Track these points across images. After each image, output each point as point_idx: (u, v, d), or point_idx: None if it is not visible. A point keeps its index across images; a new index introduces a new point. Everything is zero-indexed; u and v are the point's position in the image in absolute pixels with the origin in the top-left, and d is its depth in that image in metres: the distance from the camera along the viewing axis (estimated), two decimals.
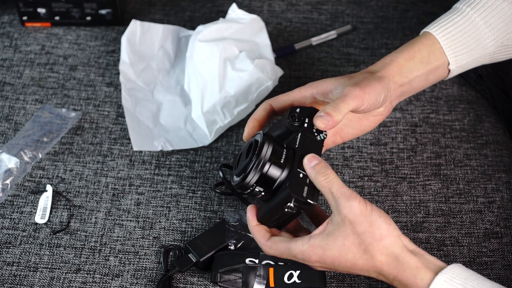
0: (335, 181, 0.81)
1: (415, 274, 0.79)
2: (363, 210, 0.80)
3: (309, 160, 0.83)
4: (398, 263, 0.80)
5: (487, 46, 0.95)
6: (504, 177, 1.04)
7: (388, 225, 0.80)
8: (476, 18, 0.94)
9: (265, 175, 0.84)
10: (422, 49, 0.94)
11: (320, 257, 0.81)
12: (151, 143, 1.07)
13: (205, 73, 1.07)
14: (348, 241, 0.80)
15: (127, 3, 1.26)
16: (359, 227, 0.80)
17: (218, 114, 1.06)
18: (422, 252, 0.81)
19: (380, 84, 0.90)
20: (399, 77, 0.93)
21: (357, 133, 0.97)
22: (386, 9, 1.26)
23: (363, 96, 0.88)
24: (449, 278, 0.78)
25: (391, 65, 0.93)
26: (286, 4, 1.27)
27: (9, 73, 1.16)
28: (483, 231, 0.99)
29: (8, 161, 1.04)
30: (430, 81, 0.96)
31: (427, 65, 0.94)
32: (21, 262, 0.95)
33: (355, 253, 0.80)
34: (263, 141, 0.85)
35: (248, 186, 0.85)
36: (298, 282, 0.91)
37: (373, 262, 0.80)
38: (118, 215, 1.00)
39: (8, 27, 1.23)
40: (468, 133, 1.09)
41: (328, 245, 0.81)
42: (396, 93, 0.94)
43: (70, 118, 1.10)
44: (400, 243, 0.80)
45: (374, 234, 0.80)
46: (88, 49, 1.20)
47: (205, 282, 0.94)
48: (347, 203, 0.80)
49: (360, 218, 0.80)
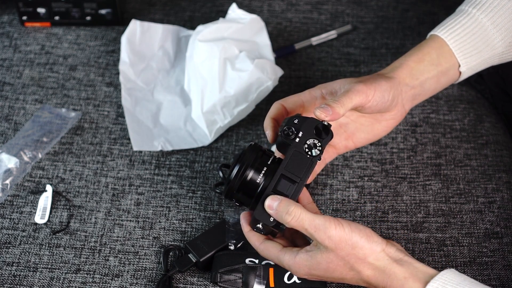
0: (304, 217, 0.81)
1: (403, 284, 0.79)
2: (342, 236, 0.79)
3: (269, 206, 0.83)
4: (385, 275, 0.80)
5: (495, 46, 0.95)
6: (504, 177, 1.04)
7: (370, 243, 0.80)
8: (483, 19, 0.94)
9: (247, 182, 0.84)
10: (431, 51, 0.94)
11: (307, 273, 0.83)
12: (151, 143, 1.07)
13: (205, 73, 1.07)
14: (333, 265, 0.81)
15: (127, 3, 1.26)
16: (341, 252, 0.80)
17: (218, 114, 1.06)
18: (411, 261, 0.80)
19: (387, 83, 0.90)
20: (410, 79, 0.93)
21: (370, 137, 0.96)
22: (386, 9, 1.26)
23: (367, 92, 0.87)
24: (441, 285, 0.77)
25: (401, 67, 0.93)
26: (286, 4, 1.27)
27: (9, 73, 1.16)
28: (483, 231, 0.99)
29: (8, 161, 1.04)
30: (442, 84, 0.96)
31: (438, 67, 0.94)
32: (21, 262, 0.95)
33: (341, 271, 0.81)
34: (246, 150, 0.86)
35: (231, 194, 0.86)
36: (298, 282, 0.91)
37: (361, 277, 0.81)
38: (118, 215, 1.00)
39: (8, 27, 1.23)
40: (468, 133, 1.09)
41: (313, 265, 0.82)
42: (408, 96, 0.94)
43: (70, 118, 1.10)
44: (385, 256, 0.80)
45: (357, 255, 0.80)
46: (88, 49, 1.20)
47: (205, 282, 0.93)
48: (324, 235, 0.80)
49: (341, 244, 0.80)
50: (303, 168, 0.84)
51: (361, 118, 0.95)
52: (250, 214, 0.87)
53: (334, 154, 0.97)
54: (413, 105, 0.96)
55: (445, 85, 0.97)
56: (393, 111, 0.93)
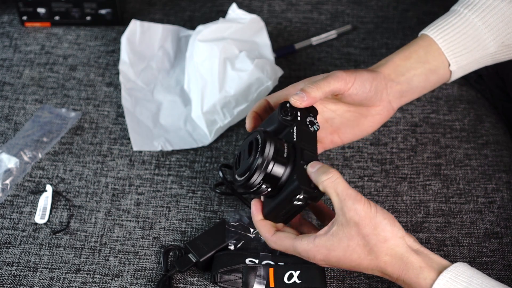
0: (340, 182, 0.82)
1: (418, 274, 0.80)
2: (368, 213, 0.80)
3: (312, 166, 0.84)
4: (402, 263, 0.81)
5: (487, 46, 0.95)
6: (504, 177, 1.04)
7: (392, 226, 0.81)
8: (474, 19, 0.94)
9: (269, 173, 0.84)
10: (419, 50, 0.95)
11: (325, 257, 0.82)
12: (151, 143, 1.07)
13: (205, 73, 1.07)
14: (353, 243, 0.81)
15: (127, 3, 1.26)
16: (364, 229, 0.80)
17: (218, 114, 1.06)
18: (426, 252, 0.82)
19: (370, 74, 0.91)
20: (395, 75, 0.94)
21: (356, 133, 0.97)
22: (386, 9, 1.26)
23: (346, 78, 0.89)
24: (454, 276, 0.78)
25: (386, 64, 0.94)
26: (286, 4, 1.27)
27: (9, 73, 1.16)
28: (483, 231, 0.99)
29: (8, 161, 1.04)
30: (432, 82, 0.96)
31: (425, 64, 0.94)
32: (21, 262, 0.95)
33: (359, 254, 0.81)
34: (265, 139, 0.85)
35: (254, 186, 0.85)
36: (298, 282, 0.91)
37: (378, 263, 0.81)
38: (118, 215, 1.00)
39: (8, 27, 1.23)
40: (468, 133, 1.09)
41: (333, 245, 0.81)
42: (394, 92, 0.94)
43: (70, 118, 1.10)
44: (404, 243, 0.81)
45: (378, 236, 0.80)
46: (88, 49, 1.20)
47: (205, 282, 0.93)
48: (352, 206, 0.80)
49: (365, 220, 0.80)
50: (312, 142, 0.88)
51: (346, 113, 0.95)
52: (262, 203, 0.87)
53: (320, 149, 0.97)
54: (402, 103, 0.97)
55: (436, 84, 0.97)
56: (378, 106, 0.94)
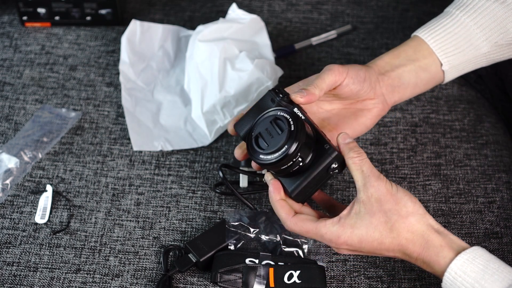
0: (367, 161, 0.84)
1: (438, 252, 0.81)
2: (389, 189, 0.82)
3: (343, 137, 0.86)
4: (423, 240, 0.82)
5: (479, 46, 0.96)
6: (504, 177, 1.04)
7: (414, 203, 0.83)
8: (466, 20, 0.96)
9: (304, 143, 0.84)
10: (408, 49, 0.97)
11: (349, 237, 0.83)
12: (151, 143, 1.07)
13: (205, 73, 1.07)
14: (375, 219, 0.82)
15: (127, 3, 1.26)
16: (385, 204, 0.82)
17: (218, 114, 1.06)
18: (447, 232, 0.83)
19: (362, 67, 0.93)
20: (384, 70, 0.96)
21: (356, 128, 0.97)
22: (386, 9, 1.26)
23: (339, 69, 0.90)
24: (471, 258, 0.79)
25: (376, 62, 0.97)
26: (286, 4, 1.27)
27: (9, 73, 1.16)
28: (483, 231, 0.99)
29: (8, 161, 1.04)
30: (424, 80, 0.97)
31: (415, 62, 0.96)
32: (21, 262, 0.95)
33: (381, 231, 0.82)
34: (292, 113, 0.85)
35: (292, 157, 0.84)
36: (298, 282, 0.91)
37: (399, 241, 0.82)
38: (118, 215, 1.00)
39: (8, 27, 1.23)
40: (468, 133, 1.09)
41: (356, 223, 0.82)
42: (386, 86, 0.96)
43: (70, 118, 1.10)
44: (426, 221, 0.82)
45: (400, 212, 0.82)
46: (88, 49, 1.20)
47: (205, 282, 0.94)
48: (375, 182, 0.82)
49: (386, 196, 0.82)
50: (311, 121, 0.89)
51: (342, 110, 0.96)
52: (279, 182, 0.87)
53: None
54: (396, 99, 0.98)
55: (429, 82, 0.98)
56: (373, 98, 0.95)
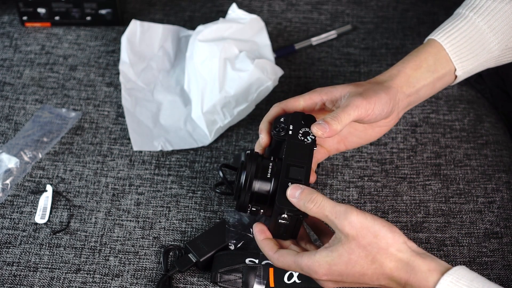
0: (325, 204, 0.81)
1: (427, 277, 0.78)
2: (364, 222, 0.79)
3: (291, 194, 0.82)
4: (409, 267, 0.79)
5: (492, 50, 0.95)
6: (504, 177, 1.04)
7: (393, 233, 0.79)
8: (480, 23, 0.94)
9: (256, 193, 0.85)
10: (428, 57, 0.94)
11: (327, 271, 0.80)
12: (151, 143, 1.07)
13: (205, 73, 1.07)
14: (354, 256, 0.79)
15: (127, 3, 1.26)
16: (363, 240, 0.79)
17: (218, 114, 1.06)
18: (428, 254, 0.80)
19: (387, 95, 0.90)
20: (406, 88, 0.93)
21: (361, 142, 0.97)
22: (386, 9, 1.26)
23: (366, 107, 0.87)
24: (455, 279, 0.77)
25: (399, 76, 0.93)
26: (286, 4, 1.27)
27: (9, 73, 1.16)
28: (483, 231, 0.99)
29: (8, 161, 1.04)
30: (436, 89, 0.96)
31: (434, 73, 0.94)
32: (21, 262, 0.96)
33: (362, 265, 0.79)
34: (246, 160, 0.86)
35: (245, 207, 0.86)
36: (298, 282, 0.91)
37: (383, 270, 0.79)
38: (118, 215, 1.00)
39: (8, 27, 1.23)
40: (468, 133, 1.09)
41: (333, 260, 0.80)
42: (403, 104, 0.94)
43: (70, 118, 1.10)
44: (407, 248, 0.79)
45: (379, 244, 0.79)
46: (88, 49, 1.20)
47: (205, 282, 0.94)
48: (345, 221, 0.79)
49: (362, 231, 0.79)
50: (305, 154, 0.86)
51: (354, 124, 0.94)
52: (263, 224, 0.87)
53: (325, 155, 0.97)
54: (406, 110, 0.96)
55: (440, 89, 0.97)
56: (388, 119, 0.93)
